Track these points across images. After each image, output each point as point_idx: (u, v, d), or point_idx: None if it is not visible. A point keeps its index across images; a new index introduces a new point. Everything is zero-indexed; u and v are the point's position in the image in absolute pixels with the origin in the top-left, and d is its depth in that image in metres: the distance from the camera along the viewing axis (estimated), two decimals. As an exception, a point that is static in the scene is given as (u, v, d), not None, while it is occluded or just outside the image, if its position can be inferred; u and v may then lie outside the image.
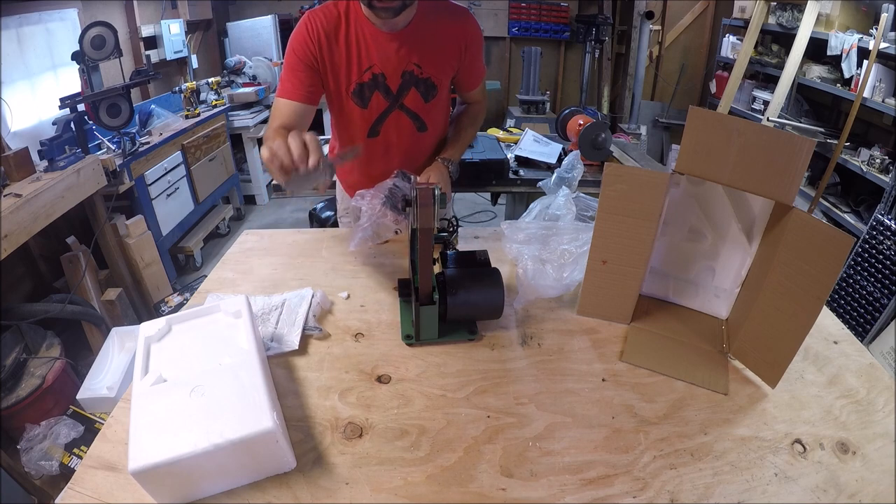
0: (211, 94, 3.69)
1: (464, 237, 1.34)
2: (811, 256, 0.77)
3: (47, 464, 1.73)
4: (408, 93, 1.28)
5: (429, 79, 1.28)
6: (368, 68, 1.24)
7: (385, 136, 1.34)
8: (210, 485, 0.67)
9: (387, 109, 1.30)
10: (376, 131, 1.33)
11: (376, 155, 1.36)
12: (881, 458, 0.75)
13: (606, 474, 0.72)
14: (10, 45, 2.40)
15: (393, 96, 1.28)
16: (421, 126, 1.35)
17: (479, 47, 1.36)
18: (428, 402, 0.83)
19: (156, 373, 0.72)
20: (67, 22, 2.78)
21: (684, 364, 0.92)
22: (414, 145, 1.37)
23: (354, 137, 1.35)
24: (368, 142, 1.34)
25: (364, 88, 1.26)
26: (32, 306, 2.01)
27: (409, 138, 1.35)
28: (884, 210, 2.49)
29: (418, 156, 1.40)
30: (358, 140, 1.34)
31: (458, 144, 1.40)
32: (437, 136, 1.42)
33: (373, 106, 1.29)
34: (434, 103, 1.33)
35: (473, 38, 1.32)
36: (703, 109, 0.85)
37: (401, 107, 1.30)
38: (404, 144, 1.36)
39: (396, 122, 1.32)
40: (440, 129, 1.42)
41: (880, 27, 2.63)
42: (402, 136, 1.34)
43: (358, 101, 1.28)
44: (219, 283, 1.15)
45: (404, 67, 1.25)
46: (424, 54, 1.25)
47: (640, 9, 4.41)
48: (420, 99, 1.30)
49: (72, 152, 2.27)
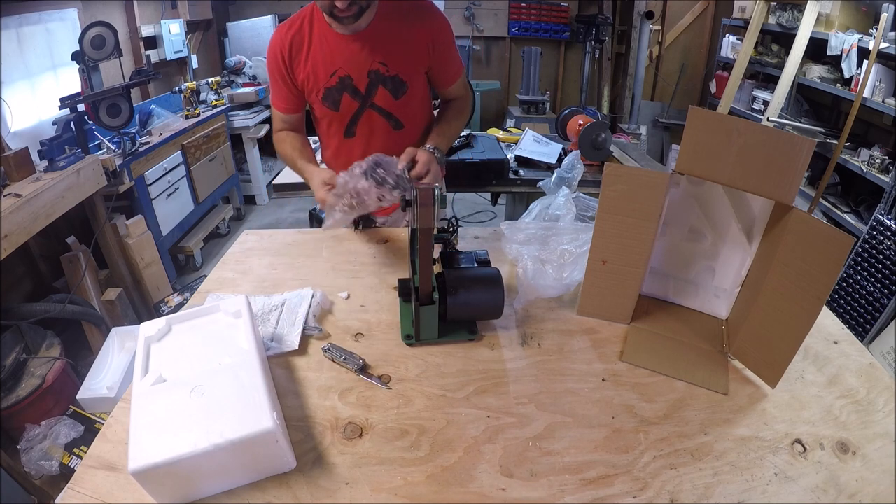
0: (211, 94, 3.69)
1: (464, 237, 1.34)
2: (811, 256, 0.77)
3: (47, 464, 1.73)
4: (376, 91, 1.30)
5: (396, 76, 1.28)
6: (334, 72, 1.26)
7: (361, 136, 1.36)
8: (210, 485, 0.67)
9: (358, 110, 1.32)
10: (352, 132, 1.36)
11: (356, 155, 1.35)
12: (881, 458, 0.75)
13: (606, 474, 0.72)
14: (10, 45, 2.40)
15: (362, 96, 1.30)
16: (396, 124, 1.35)
17: (449, 41, 1.35)
18: (428, 402, 0.83)
19: (156, 373, 0.72)
20: (67, 22, 2.78)
21: (684, 364, 0.92)
22: (392, 143, 1.36)
23: (332, 138, 1.39)
24: (346, 142, 1.37)
25: (332, 92, 1.28)
26: (32, 306, 2.01)
27: (385, 136, 1.36)
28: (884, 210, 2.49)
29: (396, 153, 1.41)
30: (336, 140, 1.38)
31: (443, 136, 1.36)
32: (417, 133, 1.42)
33: (343, 108, 1.31)
34: (406, 100, 1.33)
35: (440, 32, 1.31)
36: (703, 109, 0.85)
37: (371, 105, 1.32)
38: (382, 143, 1.36)
39: (370, 121, 1.34)
40: (419, 126, 1.42)
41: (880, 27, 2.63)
42: (378, 134, 1.36)
43: (329, 105, 1.31)
44: (219, 283, 1.15)
45: (369, 67, 1.26)
46: (389, 52, 1.26)
47: (640, 9, 4.41)
48: (389, 96, 1.31)
49: (72, 152, 2.27)
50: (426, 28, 1.29)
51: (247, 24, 4.35)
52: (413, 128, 1.39)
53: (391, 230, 1.40)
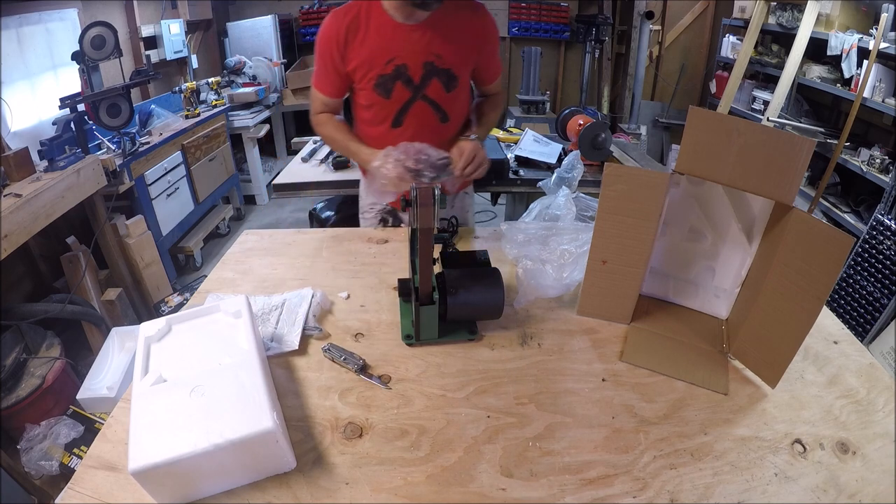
0: (211, 94, 3.69)
1: (464, 237, 1.34)
2: (811, 256, 0.77)
3: (47, 464, 1.73)
4: (430, 83, 1.31)
5: (450, 69, 1.31)
6: (390, 60, 1.27)
7: (408, 127, 1.36)
8: (210, 485, 0.67)
9: (409, 100, 1.32)
10: (400, 121, 1.36)
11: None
12: (881, 458, 0.75)
13: (606, 474, 0.72)
14: (10, 45, 2.40)
15: (415, 87, 1.31)
16: (443, 117, 1.37)
17: (496, 42, 1.42)
18: (428, 402, 0.83)
19: (156, 373, 0.72)
20: (67, 22, 2.78)
21: (684, 364, 0.92)
22: (437, 135, 1.38)
23: (377, 127, 1.38)
24: (392, 132, 1.36)
25: (386, 80, 1.29)
26: (32, 306, 2.01)
27: (432, 128, 1.37)
28: (884, 210, 2.49)
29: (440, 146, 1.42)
30: (381, 129, 1.37)
31: (482, 126, 1.45)
32: (458, 127, 1.45)
33: (395, 97, 1.31)
34: (455, 94, 1.35)
35: (491, 32, 1.38)
36: (703, 109, 0.85)
37: (423, 97, 1.33)
38: (428, 134, 1.36)
39: (419, 113, 1.35)
40: (461, 120, 1.46)
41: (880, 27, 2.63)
42: (426, 126, 1.36)
43: (381, 93, 1.31)
44: (219, 283, 1.15)
45: (425, 58, 1.28)
46: (445, 45, 1.28)
47: (640, 9, 4.41)
48: (442, 89, 1.32)
49: (72, 152, 2.26)
50: (479, 26, 1.33)
51: (247, 24, 4.34)
52: (456, 121, 1.43)
53: (391, 230, 1.40)
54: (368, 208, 1.62)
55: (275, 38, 4.31)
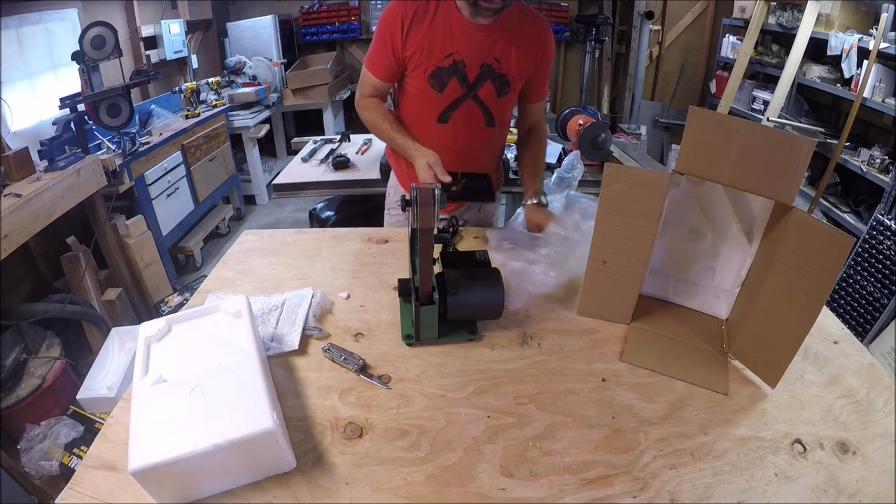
0: (211, 94, 3.69)
1: (464, 237, 1.34)
2: (811, 256, 0.77)
3: (47, 464, 1.72)
4: (483, 84, 1.30)
5: (505, 75, 1.30)
6: (450, 54, 1.26)
7: (454, 124, 1.35)
8: (210, 485, 0.67)
9: (461, 97, 1.31)
10: (447, 117, 1.34)
11: (442, 142, 1.34)
12: (881, 458, 0.75)
13: (606, 474, 0.72)
14: (10, 45, 2.40)
15: (469, 85, 1.30)
16: (490, 120, 1.36)
17: (551, 60, 1.38)
18: (428, 402, 0.83)
19: (156, 373, 0.72)
20: (67, 22, 2.78)
21: (684, 364, 0.92)
22: (480, 138, 1.38)
23: (424, 119, 1.36)
24: (438, 127, 1.35)
25: (443, 73, 1.28)
26: (32, 306, 2.01)
27: (477, 130, 1.36)
28: (884, 210, 2.49)
29: (482, 150, 1.42)
30: (426, 122, 1.35)
31: (538, 176, 1.39)
32: (503, 134, 1.45)
33: (448, 91, 1.30)
34: (505, 101, 1.34)
35: (550, 50, 1.35)
36: (703, 109, 0.86)
37: (474, 97, 1.32)
38: (471, 136, 1.37)
39: (468, 112, 1.34)
40: (505, 128, 1.45)
41: (880, 27, 2.63)
42: (471, 126, 1.36)
43: (435, 85, 1.29)
44: (219, 283, 1.15)
45: (484, 59, 1.27)
46: (505, 50, 1.27)
47: (640, 9, 4.41)
48: (493, 93, 1.31)
49: (72, 152, 2.26)
50: (541, 40, 1.31)
51: (247, 24, 4.34)
52: (502, 127, 1.42)
53: (392, 230, 1.40)
54: (395, 204, 1.57)
55: (275, 38, 4.30)
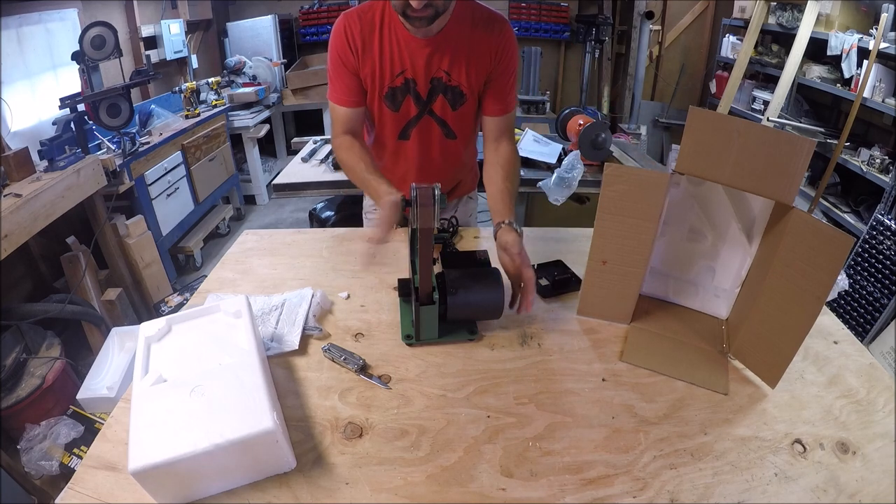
0: (211, 94, 3.69)
1: (464, 237, 1.34)
2: (811, 256, 0.77)
3: (47, 464, 1.72)
4: (436, 99, 1.28)
5: (457, 87, 1.26)
6: (401, 73, 1.23)
7: (415, 141, 1.34)
8: (210, 485, 0.67)
9: (417, 115, 1.30)
10: (407, 135, 1.33)
11: (407, 157, 1.36)
12: (881, 458, 0.75)
13: (606, 474, 0.72)
14: (10, 45, 2.40)
15: (423, 102, 1.28)
16: (449, 133, 1.34)
17: (511, 66, 1.26)
18: (428, 402, 0.83)
19: (156, 373, 0.72)
20: (67, 22, 2.78)
21: (684, 364, 0.92)
22: (443, 151, 1.37)
23: (386, 138, 1.35)
24: (401, 144, 1.35)
25: (396, 92, 1.26)
26: (32, 306, 2.01)
27: (437, 144, 1.35)
28: (884, 210, 2.49)
29: (446, 162, 1.40)
30: (389, 140, 1.35)
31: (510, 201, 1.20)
32: (466, 144, 1.42)
33: (403, 110, 1.29)
34: (462, 112, 1.31)
35: (508, 54, 1.24)
36: (703, 109, 0.85)
37: (430, 113, 1.30)
38: (433, 149, 1.36)
39: (426, 128, 1.32)
40: (469, 137, 1.42)
41: (880, 27, 2.63)
42: (432, 141, 1.35)
43: (390, 105, 1.27)
44: (219, 283, 1.15)
45: (433, 74, 1.24)
46: (454, 62, 1.23)
47: (640, 9, 4.41)
48: (448, 106, 1.29)
49: (72, 152, 2.26)
50: (494, 46, 1.23)
51: (247, 24, 4.34)
52: (464, 138, 1.38)
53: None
54: (371, 209, 1.59)
55: (275, 38, 4.30)
